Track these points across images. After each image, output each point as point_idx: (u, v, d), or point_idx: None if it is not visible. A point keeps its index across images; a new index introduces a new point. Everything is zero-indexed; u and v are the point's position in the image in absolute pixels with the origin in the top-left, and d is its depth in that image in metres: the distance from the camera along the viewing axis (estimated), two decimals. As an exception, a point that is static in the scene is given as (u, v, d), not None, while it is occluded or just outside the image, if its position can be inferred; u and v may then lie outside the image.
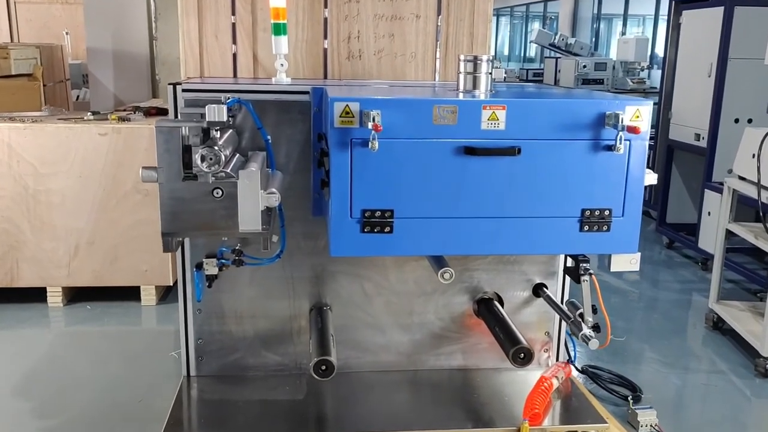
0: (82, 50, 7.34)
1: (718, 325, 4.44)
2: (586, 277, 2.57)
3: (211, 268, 2.74)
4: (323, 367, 2.47)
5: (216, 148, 2.16)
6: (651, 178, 2.42)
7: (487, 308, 2.95)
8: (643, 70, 10.02)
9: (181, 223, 2.31)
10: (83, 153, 4.38)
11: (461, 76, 2.49)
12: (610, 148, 2.28)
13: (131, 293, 4.61)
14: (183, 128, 2.29)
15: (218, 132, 2.29)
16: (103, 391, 3.49)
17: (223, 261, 2.73)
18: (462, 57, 2.48)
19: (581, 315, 2.59)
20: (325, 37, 3.26)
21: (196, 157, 2.14)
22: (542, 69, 11.40)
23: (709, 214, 5.50)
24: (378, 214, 2.26)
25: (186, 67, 3.23)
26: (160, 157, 2.27)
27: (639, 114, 2.29)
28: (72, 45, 8.48)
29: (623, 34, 15.42)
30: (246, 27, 3.20)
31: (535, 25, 20.30)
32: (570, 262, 2.73)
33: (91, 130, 4.38)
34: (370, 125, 2.13)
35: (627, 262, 2.52)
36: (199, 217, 2.30)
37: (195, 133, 2.29)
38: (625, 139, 2.26)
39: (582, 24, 18.39)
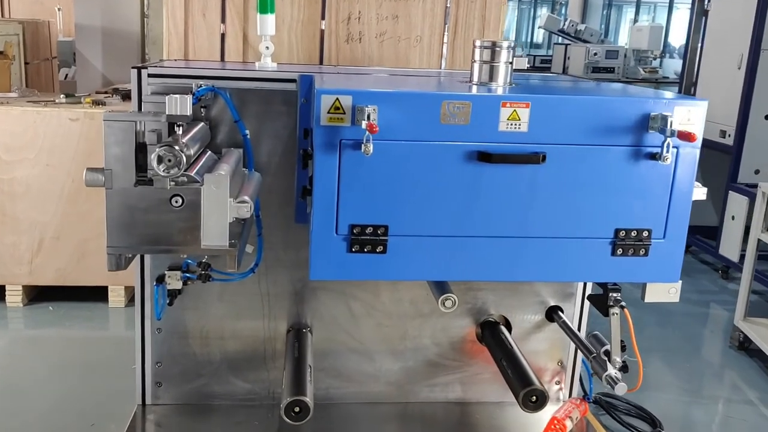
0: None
1: (744, 345, 4.06)
2: (617, 310, 2.17)
3: (174, 282, 2.37)
4: (296, 409, 2.11)
5: (177, 147, 1.79)
6: (700, 192, 2.05)
7: (492, 335, 2.58)
8: (655, 59, 9.70)
9: (131, 237, 2.02)
10: (52, 139, 3.99)
11: (476, 65, 2.10)
12: (653, 156, 1.92)
13: (98, 294, 4.23)
14: (137, 123, 1.93)
15: (179, 128, 1.91)
16: (53, 410, 3.14)
17: (188, 275, 2.35)
18: (478, 43, 2.08)
19: (607, 353, 2.20)
20: (323, 18, 2.93)
21: (152, 158, 1.78)
22: (550, 56, 11.02)
23: (732, 218, 5.10)
24: (369, 230, 1.92)
25: (169, 48, 2.92)
26: (108, 157, 1.96)
27: (690, 117, 1.90)
28: (64, 21, 8.12)
29: (635, 21, 15.02)
30: (237, 5, 2.90)
31: (544, 10, 19.84)
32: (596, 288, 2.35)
33: (61, 115, 3.99)
34: (364, 124, 1.76)
35: (665, 291, 2.18)
36: (154, 230, 1.98)
37: (153, 128, 1.94)
38: (672, 146, 1.89)
39: (592, 10, 18.02)
